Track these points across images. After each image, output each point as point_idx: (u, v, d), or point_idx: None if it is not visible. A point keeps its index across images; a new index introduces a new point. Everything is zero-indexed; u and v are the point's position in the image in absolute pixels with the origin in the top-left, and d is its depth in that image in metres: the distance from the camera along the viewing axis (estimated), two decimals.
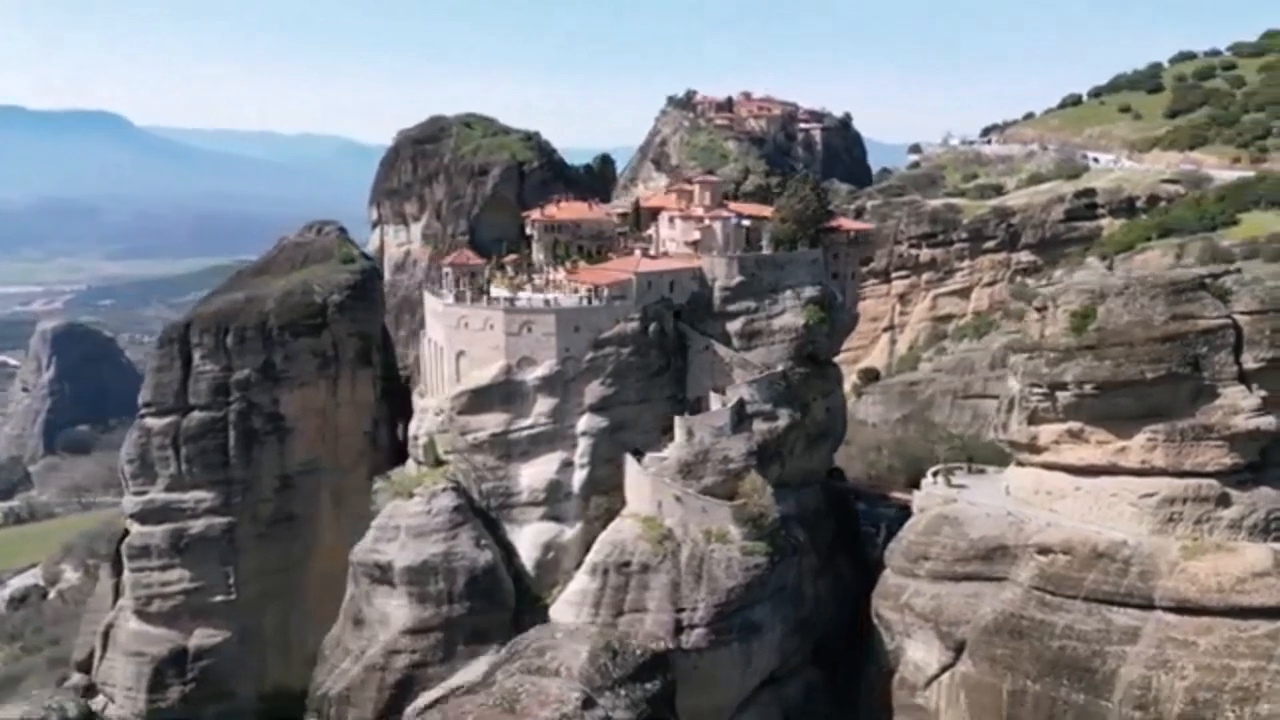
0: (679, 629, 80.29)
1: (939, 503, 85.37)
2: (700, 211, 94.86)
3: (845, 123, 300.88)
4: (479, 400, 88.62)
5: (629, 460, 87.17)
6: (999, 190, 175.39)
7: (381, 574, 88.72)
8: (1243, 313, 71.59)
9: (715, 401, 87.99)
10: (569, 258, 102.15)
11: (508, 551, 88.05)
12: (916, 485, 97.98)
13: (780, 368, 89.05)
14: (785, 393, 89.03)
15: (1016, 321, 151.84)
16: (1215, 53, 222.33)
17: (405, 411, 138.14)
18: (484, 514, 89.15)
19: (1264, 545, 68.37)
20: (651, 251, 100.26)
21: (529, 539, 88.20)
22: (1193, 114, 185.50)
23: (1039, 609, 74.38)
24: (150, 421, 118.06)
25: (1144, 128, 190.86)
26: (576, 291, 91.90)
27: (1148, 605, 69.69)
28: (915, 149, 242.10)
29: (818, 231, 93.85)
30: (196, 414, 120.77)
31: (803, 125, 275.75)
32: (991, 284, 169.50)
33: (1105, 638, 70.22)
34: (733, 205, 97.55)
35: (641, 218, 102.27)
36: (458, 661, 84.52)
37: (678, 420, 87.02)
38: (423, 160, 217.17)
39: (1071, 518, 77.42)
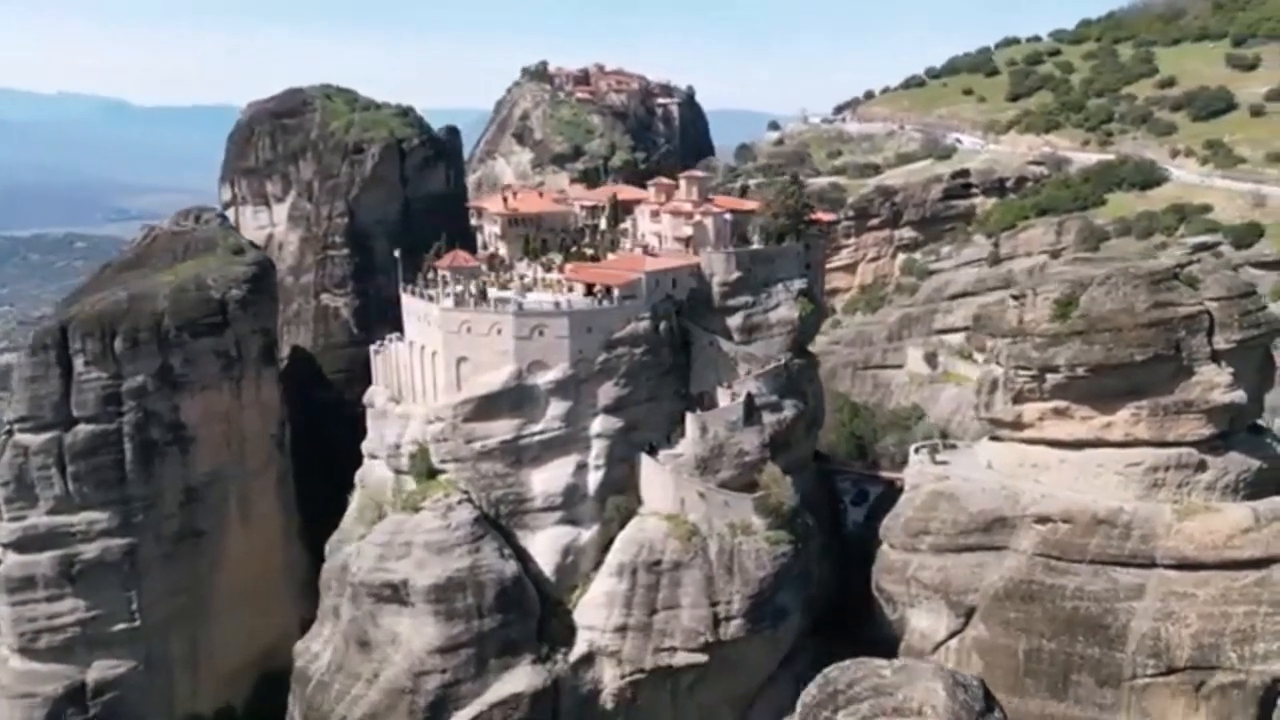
0: (716, 622, 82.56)
1: (932, 480, 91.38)
2: (689, 207, 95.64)
3: (691, 96, 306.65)
4: (487, 407, 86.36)
5: (644, 459, 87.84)
6: (877, 169, 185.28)
7: (393, 593, 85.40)
8: (1212, 299, 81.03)
9: (723, 396, 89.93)
10: (542, 254, 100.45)
11: (522, 558, 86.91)
12: (820, 456, 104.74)
13: (781, 360, 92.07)
14: (787, 384, 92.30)
15: (909, 295, 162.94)
16: (1037, 39, 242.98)
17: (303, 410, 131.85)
18: (494, 522, 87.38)
19: (1244, 505, 78.54)
20: (628, 245, 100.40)
21: (546, 544, 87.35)
22: (1031, 98, 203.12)
23: (1046, 574, 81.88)
24: (25, 438, 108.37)
25: (990, 110, 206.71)
26: (571, 290, 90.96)
27: (1150, 564, 78.46)
28: (774, 126, 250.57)
29: (801, 225, 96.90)
30: (83, 427, 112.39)
31: (660, 100, 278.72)
32: (875, 259, 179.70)
33: (1114, 595, 78.53)
34: (720, 200, 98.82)
35: (619, 211, 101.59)
36: (490, 676, 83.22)
37: (690, 417, 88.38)
38: (284, 136, 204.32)
39: (1059, 487, 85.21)
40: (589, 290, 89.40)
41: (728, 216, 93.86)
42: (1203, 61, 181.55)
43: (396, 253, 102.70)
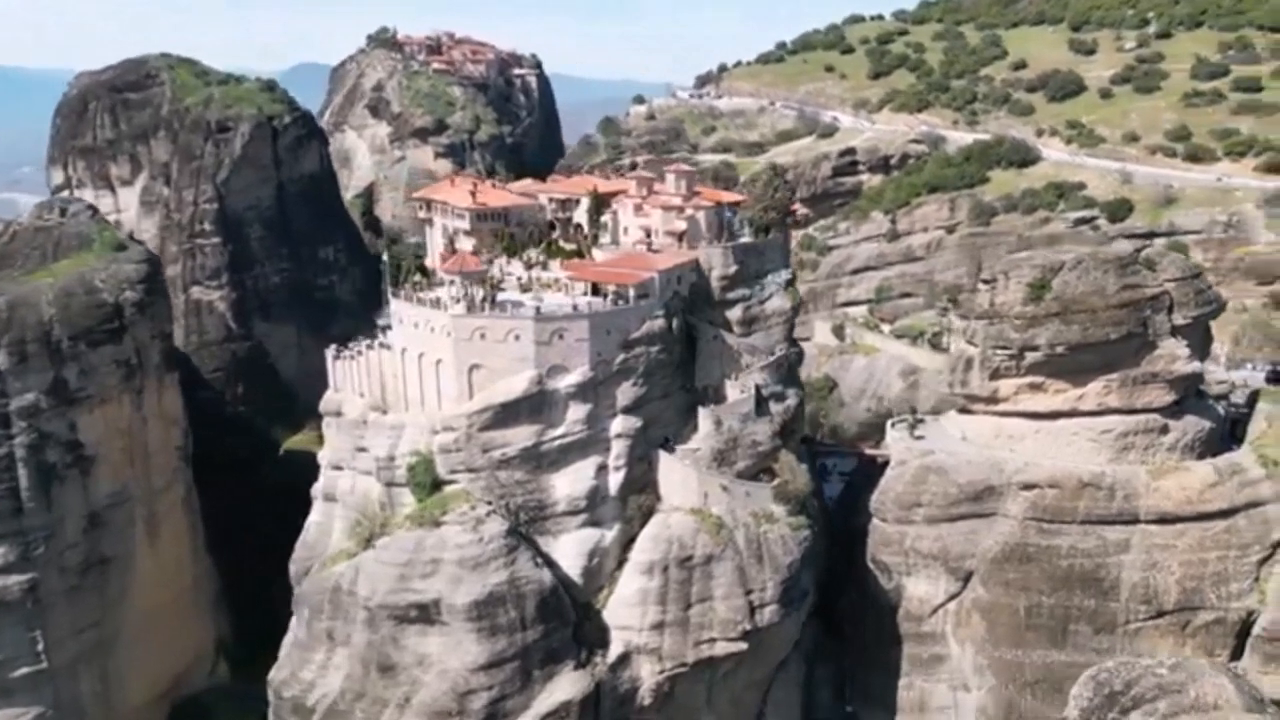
0: (752, 610, 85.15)
1: (918, 455, 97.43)
2: (679, 201, 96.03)
3: (539, 66, 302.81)
4: (506, 414, 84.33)
5: (663, 456, 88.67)
6: (762, 147, 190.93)
7: (420, 613, 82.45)
8: (1169, 280, 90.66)
9: (732, 389, 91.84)
10: (520, 251, 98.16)
11: (548, 564, 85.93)
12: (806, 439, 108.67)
13: (781, 350, 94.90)
14: (787, 372, 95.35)
15: (811, 271, 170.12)
16: (880, 17, 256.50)
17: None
18: (517, 531, 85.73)
19: (1206, 463, 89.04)
20: (606, 240, 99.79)
21: (572, 548, 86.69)
22: (891, 76, 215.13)
23: (1040, 535, 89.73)
24: None
25: (854, 88, 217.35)
26: (568, 290, 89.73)
27: (1134, 520, 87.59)
28: (639, 100, 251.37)
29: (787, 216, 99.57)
30: None
31: (518, 71, 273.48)
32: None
33: (1104, 551, 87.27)
34: (707, 193, 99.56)
35: (600, 206, 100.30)
36: (535, 688, 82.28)
37: (703, 411, 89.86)
38: (127, 111, 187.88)
39: (1036, 455, 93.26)
40: (594, 290, 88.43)
41: (729, 212, 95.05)
42: (1046, 46, 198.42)
43: (384, 256, 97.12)
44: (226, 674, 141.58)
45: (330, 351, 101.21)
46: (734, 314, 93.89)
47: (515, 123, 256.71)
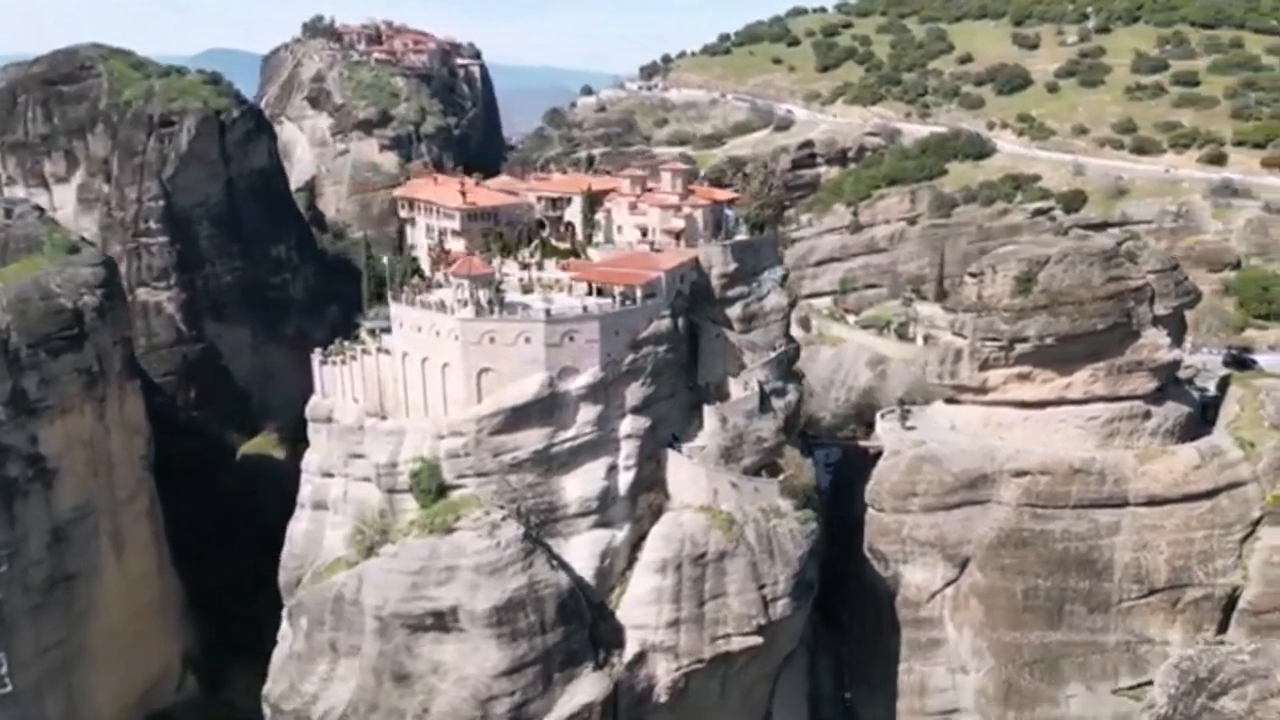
0: (766, 604, 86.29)
1: (911, 446, 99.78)
2: (675, 199, 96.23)
3: (477, 53, 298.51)
4: (517, 418, 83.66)
5: (671, 455, 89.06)
6: (720, 140, 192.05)
7: (436, 620, 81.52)
8: (1150, 272, 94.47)
9: (735, 386, 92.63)
10: (515, 251, 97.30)
11: (562, 566, 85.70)
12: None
13: (781, 346, 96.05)
14: (787, 368, 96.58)
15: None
16: (822, 9, 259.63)
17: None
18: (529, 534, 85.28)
19: (1188, 446, 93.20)
20: (599, 238, 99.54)
21: (584, 549, 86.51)
22: (839, 69, 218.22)
23: (1034, 521, 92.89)
24: None
25: (803, 80, 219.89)
26: (571, 290, 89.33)
27: (1123, 503, 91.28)
28: (588, 91, 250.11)
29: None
30: None
31: (461, 61, 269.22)
32: None
33: (1096, 534, 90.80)
34: (701, 191, 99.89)
35: (595, 204, 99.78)
36: (556, 691, 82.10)
37: (709, 409, 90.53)
38: (61, 105, 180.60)
39: (1025, 443, 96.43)
40: (599, 290, 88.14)
41: (729, 210, 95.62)
42: (990, 40, 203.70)
43: (385, 259, 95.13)
44: (195, 687, 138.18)
45: (317, 356, 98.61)
46: (734, 311, 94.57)
47: (460, 114, 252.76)
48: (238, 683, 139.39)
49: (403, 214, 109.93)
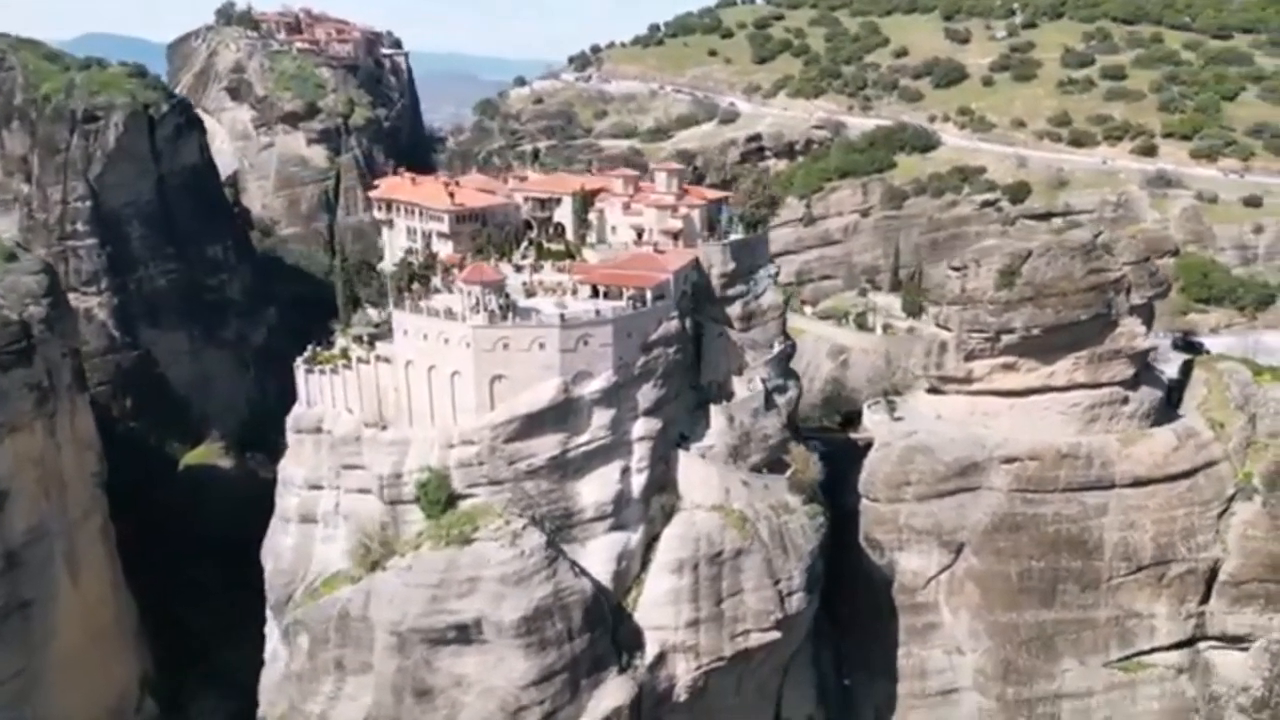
0: (782, 599, 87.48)
1: (902, 436, 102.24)
2: (671, 199, 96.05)
3: (398, 42, 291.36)
4: (532, 424, 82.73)
5: (682, 455, 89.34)
6: (666, 134, 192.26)
7: (459, 633, 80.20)
8: (1126, 263, 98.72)
9: (739, 385, 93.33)
10: (509, 254, 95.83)
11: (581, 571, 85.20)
12: None
13: (780, 343, 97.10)
14: (786, 365, 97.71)
15: None
16: (752, 1, 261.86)
17: None
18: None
19: (1165, 429, 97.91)
20: (593, 239, 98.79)
21: (601, 553, 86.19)
22: (775, 61, 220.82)
23: (1025, 505, 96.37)
24: None
25: (739, 72, 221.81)
26: (575, 293, 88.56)
27: (1110, 486, 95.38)
28: (521, 82, 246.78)
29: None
30: None
31: (386, 51, 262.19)
32: None
33: (1085, 515, 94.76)
34: (694, 191, 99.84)
35: (588, 205, 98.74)
36: (583, 696, 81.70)
37: (715, 409, 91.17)
38: None
39: (1012, 430, 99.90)
40: (604, 293, 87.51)
41: (726, 209, 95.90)
42: (923, 34, 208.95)
43: (385, 266, 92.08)
44: (154, 710, 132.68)
45: (300, 364, 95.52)
46: (734, 310, 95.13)
47: (389, 106, 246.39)
48: (196, 702, 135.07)
49: (379, 215, 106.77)
